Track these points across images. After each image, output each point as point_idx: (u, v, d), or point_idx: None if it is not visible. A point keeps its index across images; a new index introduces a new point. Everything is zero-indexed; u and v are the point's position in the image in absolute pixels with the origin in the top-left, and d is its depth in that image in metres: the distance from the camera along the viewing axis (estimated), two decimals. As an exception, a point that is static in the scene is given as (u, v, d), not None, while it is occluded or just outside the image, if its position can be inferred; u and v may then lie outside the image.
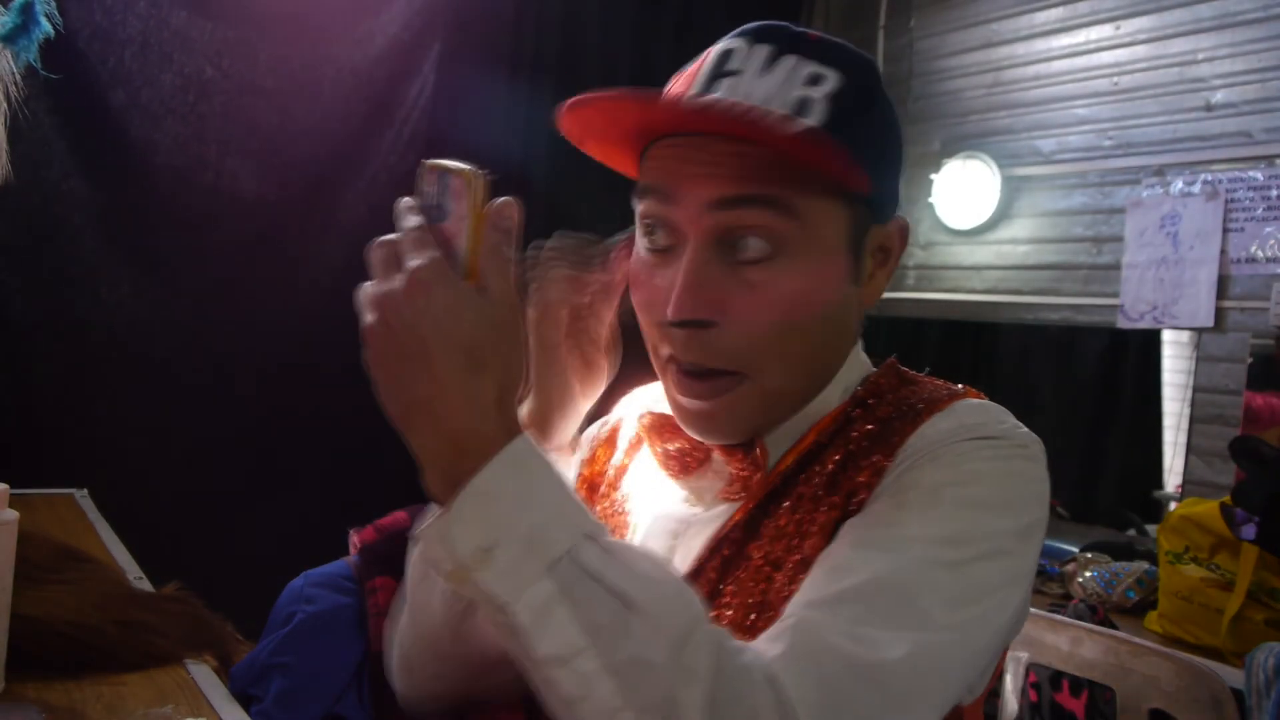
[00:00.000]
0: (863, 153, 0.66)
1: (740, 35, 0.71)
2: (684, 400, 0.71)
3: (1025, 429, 0.70)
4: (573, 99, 0.64)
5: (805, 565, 0.65)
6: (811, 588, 0.62)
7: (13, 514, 0.84)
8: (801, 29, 0.71)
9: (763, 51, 0.69)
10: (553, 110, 0.67)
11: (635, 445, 0.85)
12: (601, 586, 0.53)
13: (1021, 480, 0.67)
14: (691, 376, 0.69)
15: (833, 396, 0.74)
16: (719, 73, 0.70)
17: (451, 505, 0.54)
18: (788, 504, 0.70)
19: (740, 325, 0.67)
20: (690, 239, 0.67)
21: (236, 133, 2.21)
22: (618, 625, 0.52)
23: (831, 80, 0.68)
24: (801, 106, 0.66)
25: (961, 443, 0.67)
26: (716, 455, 0.75)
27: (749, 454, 0.72)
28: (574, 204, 2.44)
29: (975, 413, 0.70)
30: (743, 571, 0.69)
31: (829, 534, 0.66)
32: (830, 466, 0.70)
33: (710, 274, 0.66)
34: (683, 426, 0.73)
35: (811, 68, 0.68)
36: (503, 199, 0.56)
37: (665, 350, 0.71)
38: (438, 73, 2.49)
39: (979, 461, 0.66)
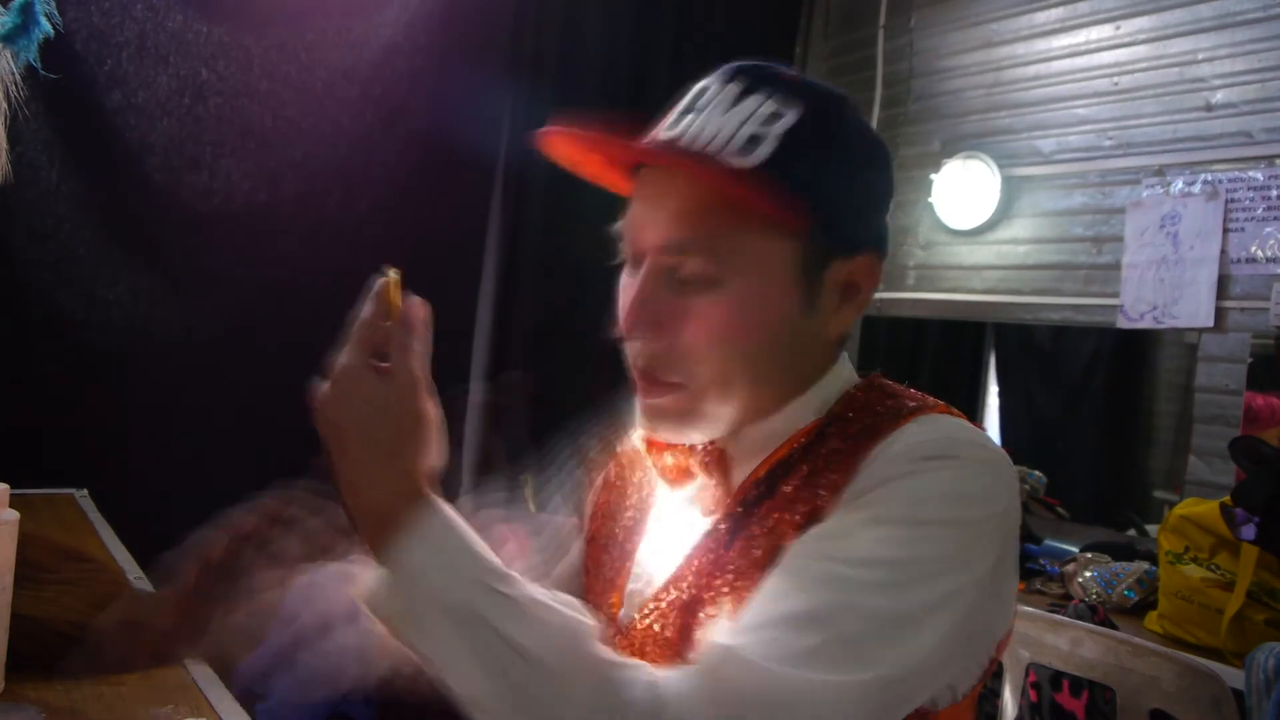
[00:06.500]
0: (810, 189, 0.69)
1: (719, 73, 0.75)
2: (639, 399, 0.75)
3: (987, 444, 0.69)
4: (542, 133, 0.71)
5: (759, 581, 0.66)
6: (747, 611, 0.64)
7: (13, 514, 0.85)
8: (779, 68, 0.74)
9: (732, 90, 0.72)
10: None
11: (634, 468, 0.89)
12: (498, 636, 0.59)
13: (970, 500, 0.65)
14: (646, 379, 0.74)
15: (806, 413, 0.75)
16: (689, 108, 0.74)
17: (379, 576, 0.62)
18: (755, 518, 0.71)
19: (680, 344, 0.71)
20: (645, 265, 0.72)
21: (233, 135, 2.21)
22: (514, 669, 0.58)
23: (788, 118, 0.70)
24: (751, 142, 0.69)
25: (914, 462, 0.66)
26: (695, 467, 0.78)
27: (716, 468, 0.76)
28: (571, 203, 2.44)
29: (932, 430, 0.69)
30: (719, 580, 0.72)
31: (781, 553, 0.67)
32: (795, 482, 0.70)
33: (657, 295, 0.71)
34: (640, 423, 0.77)
35: (773, 106, 0.71)
36: (414, 298, 0.65)
37: (629, 357, 0.76)
38: (437, 73, 2.48)
39: (927, 484, 0.65)
